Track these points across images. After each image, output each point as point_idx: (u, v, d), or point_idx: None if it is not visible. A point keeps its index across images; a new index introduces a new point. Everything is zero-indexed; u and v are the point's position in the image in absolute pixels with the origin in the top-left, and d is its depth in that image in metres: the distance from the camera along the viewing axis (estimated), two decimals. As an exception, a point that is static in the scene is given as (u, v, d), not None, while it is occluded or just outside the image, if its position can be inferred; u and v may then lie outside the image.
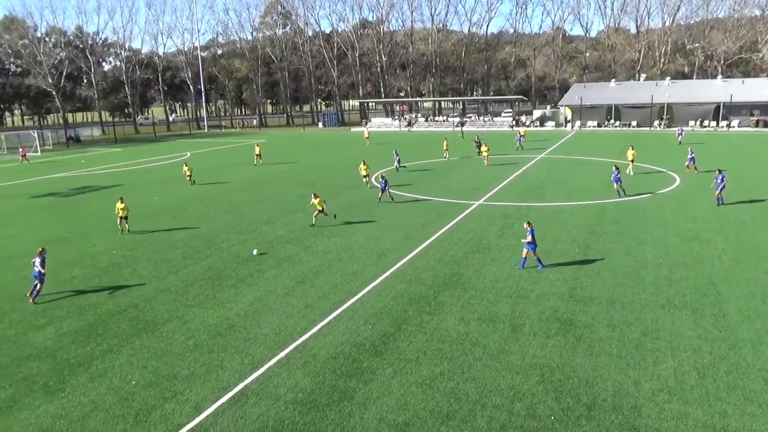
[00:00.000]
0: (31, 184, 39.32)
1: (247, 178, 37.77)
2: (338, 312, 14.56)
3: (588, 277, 16.63)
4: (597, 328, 13.25)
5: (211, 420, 10.04)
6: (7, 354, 12.84)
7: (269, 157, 48.95)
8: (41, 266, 15.92)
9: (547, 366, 11.58)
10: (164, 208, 28.48)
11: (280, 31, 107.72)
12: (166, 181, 37.79)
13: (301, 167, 42.28)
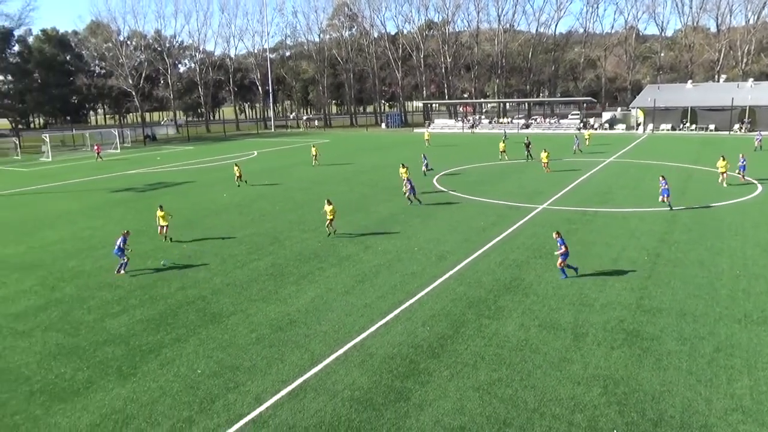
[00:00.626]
0: (111, 179, 41.69)
1: (310, 177, 38.54)
2: (396, 312, 14.62)
3: (657, 287, 15.92)
4: (666, 340, 12.67)
5: (271, 412, 10.33)
6: (86, 338, 13.70)
7: (334, 158, 49.79)
8: (122, 244, 18.33)
9: (611, 377, 11.19)
10: (232, 205, 29.49)
11: (347, 32, 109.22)
12: (233, 179, 39.16)
13: (364, 167, 42.72)
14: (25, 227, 25.90)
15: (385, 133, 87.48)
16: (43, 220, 27.47)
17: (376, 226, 23.57)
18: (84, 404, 10.81)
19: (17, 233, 24.77)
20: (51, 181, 41.36)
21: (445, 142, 62.92)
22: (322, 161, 46.04)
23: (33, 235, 24.23)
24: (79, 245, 22.38)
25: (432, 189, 32.03)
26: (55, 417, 10.45)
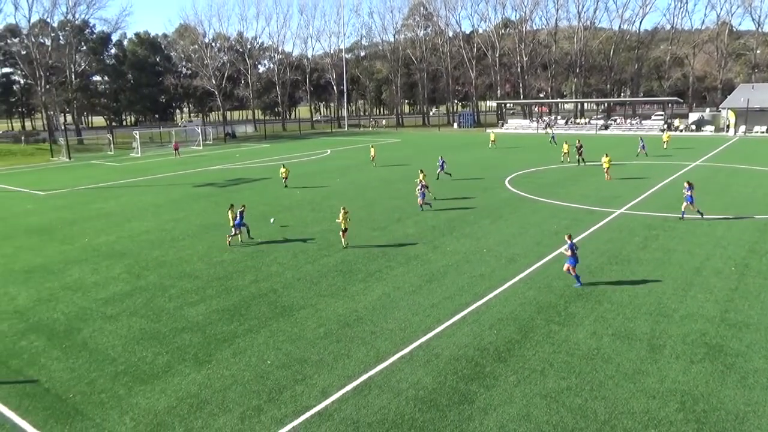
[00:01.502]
0: (194, 174, 43.81)
1: (381, 176, 38.85)
2: (463, 314, 14.48)
3: (745, 299, 14.88)
4: (753, 357, 11.83)
5: (336, 406, 10.52)
6: (166, 325, 14.49)
7: (403, 157, 49.99)
8: (240, 218, 21.37)
9: (689, 393, 10.57)
10: (304, 202, 30.23)
11: (421, 32, 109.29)
12: (308, 176, 40.10)
13: (435, 167, 42.63)
14: (115, 218, 27.69)
15: (457, 133, 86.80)
16: (132, 211, 29.26)
17: (445, 227, 23.41)
18: (162, 387, 11.44)
19: (109, 224, 26.51)
20: (139, 176, 43.99)
21: (518, 143, 61.62)
22: (390, 161, 46.29)
23: (122, 226, 25.87)
24: (162, 236, 23.69)
25: (477, 192, 31.50)
26: (137, 397, 11.13)
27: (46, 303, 16.23)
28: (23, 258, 20.99)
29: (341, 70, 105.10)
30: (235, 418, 10.25)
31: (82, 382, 11.72)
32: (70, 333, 14.11)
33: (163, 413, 10.53)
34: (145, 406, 10.81)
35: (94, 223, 26.75)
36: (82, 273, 18.92)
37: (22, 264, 20.19)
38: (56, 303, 16.20)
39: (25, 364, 12.51)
